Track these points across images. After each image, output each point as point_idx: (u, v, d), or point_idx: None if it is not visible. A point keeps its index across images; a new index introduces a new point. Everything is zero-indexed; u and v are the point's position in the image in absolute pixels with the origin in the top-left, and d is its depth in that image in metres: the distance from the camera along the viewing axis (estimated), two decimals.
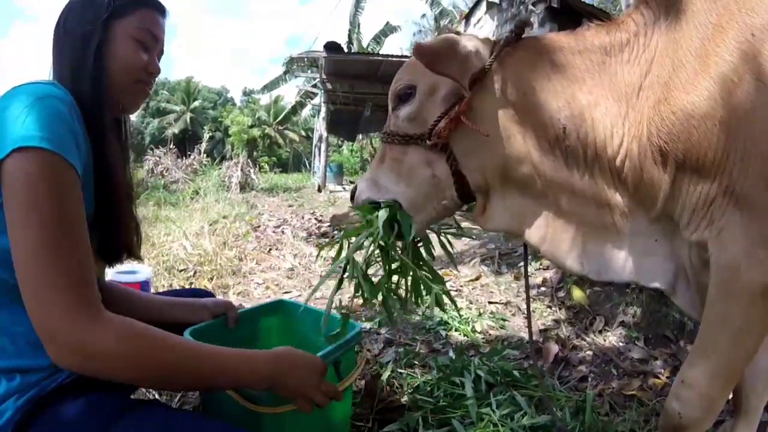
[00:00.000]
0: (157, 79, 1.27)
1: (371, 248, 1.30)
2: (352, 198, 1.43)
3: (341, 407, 1.57)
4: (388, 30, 18.64)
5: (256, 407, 1.23)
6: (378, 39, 18.68)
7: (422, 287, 1.33)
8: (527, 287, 1.59)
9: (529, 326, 1.58)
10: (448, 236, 1.51)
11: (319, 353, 1.28)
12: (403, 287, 1.37)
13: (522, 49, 1.24)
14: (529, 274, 1.69)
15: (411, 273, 1.33)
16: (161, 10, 1.25)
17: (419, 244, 1.40)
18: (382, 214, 1.30)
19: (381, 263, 1.34)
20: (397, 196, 1.32)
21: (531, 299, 3.18)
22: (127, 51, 1.15)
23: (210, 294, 1.76)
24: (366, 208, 1.37)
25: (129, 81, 1.17)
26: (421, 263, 1.37)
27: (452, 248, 1.50)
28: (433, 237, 1.43)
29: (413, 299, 1.39)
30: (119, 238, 1.19)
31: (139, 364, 0.90)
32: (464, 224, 1.53)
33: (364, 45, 18.54)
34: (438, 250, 1.45)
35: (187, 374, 0.96)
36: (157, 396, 1.85)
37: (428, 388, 1.94)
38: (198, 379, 0.99)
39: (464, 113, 1.21)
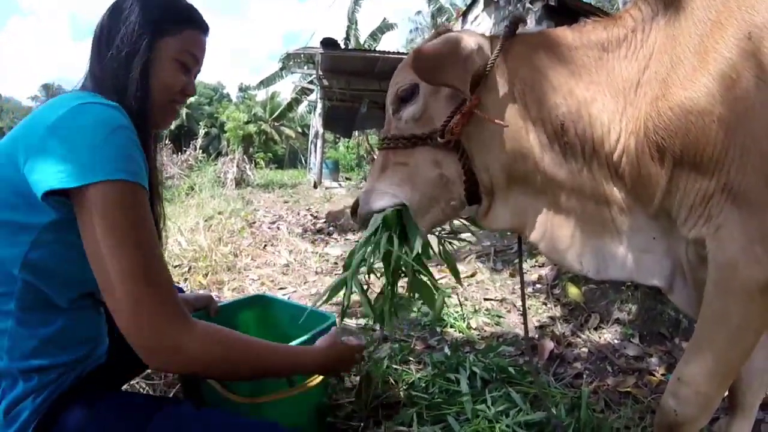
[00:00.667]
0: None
1: (374, 257, 1.26)
2: (354, 213, 1.37)
3: (314, 397, 1.62)
4: (384, 27, 18.60)
5: (235, 397, 1.28)
6: (375, 36, 18.65)
7: (430, 292, 1.34)
8: (522, 284, 1.59)
9: (525, 323, 1.58)
10: (448, 242, 1.51)
11: (292, 342, 1.39)
12: (404, 293, 1.37)
13: (519, 44, 1.24)
14: (524, 271, 1.69)
15: (415, 278, 1.31)
16: (205, 30, 1.25)
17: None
18: (390, 218, 1.26)
19: (383, 271, 1.31)
20: (404, 200, 1.28)
21: (526, 296, 3.19)
22: (169, 72, 1.17)
23: (181, 290, 1.77)
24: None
25: (165, 101, 1.19)
26: (423, 269, 1.33)
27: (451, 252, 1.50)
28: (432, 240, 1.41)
29: (412, 304, 1.42)
30: None
31: (227, 362, 1.05)
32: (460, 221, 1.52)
33: (362, 41, 18.50)
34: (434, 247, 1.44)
35: (260, 369, 1.13)
36: (150, 391, 1.84)
37: (423, 385, 1.93)
38: (267, 372, 1.16)
39: (476, 106, 1.20)
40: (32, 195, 0.93)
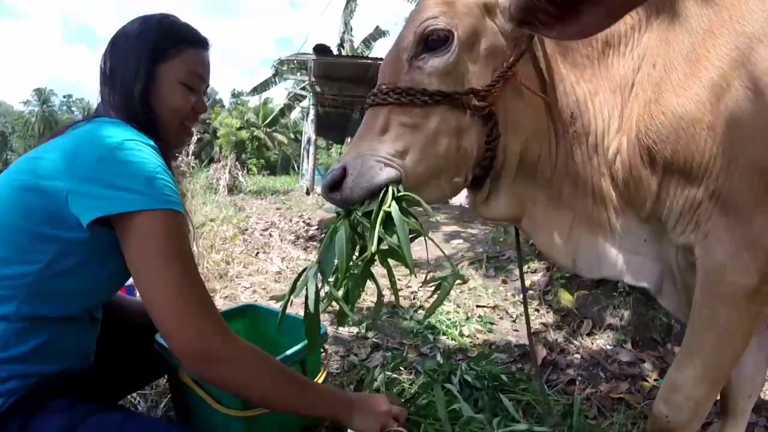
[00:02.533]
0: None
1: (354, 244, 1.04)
2: (335, 188, 1.03)
3: None
4: (377, 34, 18.64)
5: (227, 410, 1.27)
6: (367, 43, 18.69)
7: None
8: (524, 288, 1.56)
9: (528, 326, 1.54)
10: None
11: (280, 356, 1.35)
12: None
13: None
14: (518, 277, 1.68)
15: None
16: (205, 45, 1.26)
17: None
18: (391, 192, 1.00)
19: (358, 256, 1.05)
20: (401, 169, 1.03)
21: (519, 302, 3.19)
22: (174, 95, 1.19)
23: None
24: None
25: (176, 123, 1.22)
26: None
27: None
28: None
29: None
30: None
31: (258, 381, 1.12)
32: (453, 228, 1.51)
33: (356, 47, 18.54)
34: (425, 255, 1.40)
35: (288, 400, 1.18)
36: (142, 404, 1.82)
37: (414, 393, 1.92)
38: (293, 406, 1.20)
39: (516, 72, 1.07)
40: (64, 213, 1.00)
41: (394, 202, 0.97)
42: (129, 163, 1.01)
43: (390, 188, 1.00)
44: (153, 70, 1.15)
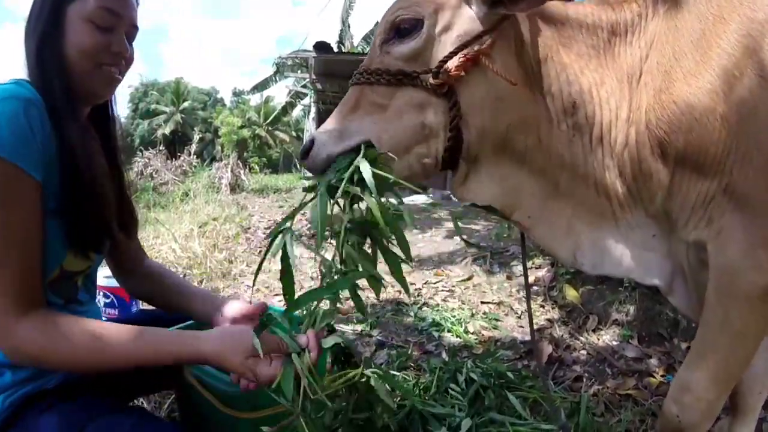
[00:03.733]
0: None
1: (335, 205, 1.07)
2: (306, 155, 1.13)
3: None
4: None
5: (234, 412, 1.23)
6: (368, 39, 18.63)
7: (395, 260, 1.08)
8: (527, 284, 1.52)
9: (531, 325, 1.52)
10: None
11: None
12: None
13: (542, 10, 1.16)
14: (520, 274, 1.65)
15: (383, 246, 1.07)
16: None
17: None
18: (362, 156, 1.05)
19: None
20: (370, 138, 1.10)
21: (524, 299, 3.16)
22: (82, 35, 1.07)
23: None
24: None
25: (90, 67, 1.09)
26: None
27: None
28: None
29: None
30: (89, 227, 1.12)
31: (56, 351, 0.97)
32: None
33: (356, 44, 18.49)
34: (429, 252, 1.39)
35: (110, 358, 1.00)
36: (145, 403, 1.81)
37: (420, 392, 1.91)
38: (122, 361, 1.01)
39: (487, 54, 1.09)
40: None
41: (362, 158, 1.04)
42: None
43: (362, 150, 1.07)
44: (60, 10, 1.06)
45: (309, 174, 1.19)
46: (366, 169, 1.01)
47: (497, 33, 1.10)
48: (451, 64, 1.08)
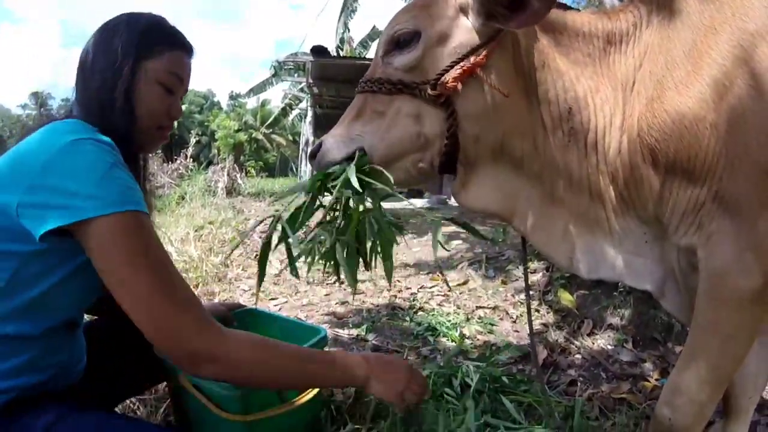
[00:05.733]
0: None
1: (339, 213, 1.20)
2: (312, 158, 1.23)
3: (307, 413, 1.57)
4: (374, 35, 18.61)
5: (227, 415, 1.25)
6: (365, 43, 18.68)
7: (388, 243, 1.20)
8: (527, 289, 1.54)
9: (530, 328, 1.53)
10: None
11: None
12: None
13: None
14: (515, 278, 1.66)
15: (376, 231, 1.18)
16: (189, 51, 1.23)
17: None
18: (355, 164, 1.14)
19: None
20: (366, 145, 1.17)
21: (519, 303, 3.18)
22: (153, 96, 1.15)
23: None
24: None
25: (152, 126, 1.17)
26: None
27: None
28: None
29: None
30: None
31: (261, 366, 1.07)
32: (452, 228, 1.50)
33: (353, 48, 18.52)
34: (424, 256, 1.41)
35: (297, 380, 1.17)
36: (141, 409, 1.81)
37: None
38: (305, 382, 1.21)
39: (481, 66, 1.12)
40: (17, 227, 0.95)
41: (352, 165, 1.13)
42: (77, 166, 0.95)
43: (356, 157, 1.16)
44: (135, 66, 1.11)
45: (306, 178, 1.28)
46: (353, 177, 1.09)
47: (495, 43, 1.13)
48: (448, 76, 1.11)
